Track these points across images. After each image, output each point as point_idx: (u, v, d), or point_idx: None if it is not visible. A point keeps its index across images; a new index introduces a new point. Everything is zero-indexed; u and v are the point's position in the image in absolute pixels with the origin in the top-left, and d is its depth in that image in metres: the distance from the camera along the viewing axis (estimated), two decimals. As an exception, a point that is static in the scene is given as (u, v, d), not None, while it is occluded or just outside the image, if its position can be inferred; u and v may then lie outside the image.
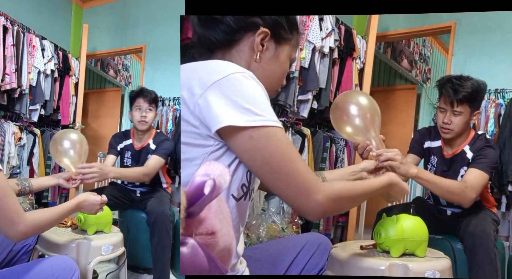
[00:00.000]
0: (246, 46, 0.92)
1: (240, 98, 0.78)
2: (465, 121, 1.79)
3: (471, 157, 1.82)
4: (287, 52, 0.96)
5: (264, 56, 0.93)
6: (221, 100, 0.78)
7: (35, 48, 3.16)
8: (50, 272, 1.13)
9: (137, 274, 2.41)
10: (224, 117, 0.77)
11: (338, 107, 1.32)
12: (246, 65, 0.91)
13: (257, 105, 0.79)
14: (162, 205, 2.23)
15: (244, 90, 0.79)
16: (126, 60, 4.24)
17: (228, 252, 0.68)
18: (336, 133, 3.14)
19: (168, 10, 3.45)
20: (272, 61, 0.94)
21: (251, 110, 0.78)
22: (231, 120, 0.77)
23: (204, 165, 0.65)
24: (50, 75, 3.31)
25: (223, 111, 0.78)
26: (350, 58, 2.91)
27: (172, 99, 3.39)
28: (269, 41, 0.92)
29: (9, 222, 1.02)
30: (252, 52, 0.92)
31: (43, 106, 3.32)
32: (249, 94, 0.79)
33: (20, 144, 3.12)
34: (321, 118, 3.03)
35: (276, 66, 0.95)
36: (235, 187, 0.84)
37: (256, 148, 0.79)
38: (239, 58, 0.92)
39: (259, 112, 0.78)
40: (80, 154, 1.80)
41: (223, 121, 0.77)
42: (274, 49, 0.93)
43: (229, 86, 0.79)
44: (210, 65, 0.86)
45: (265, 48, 0.92)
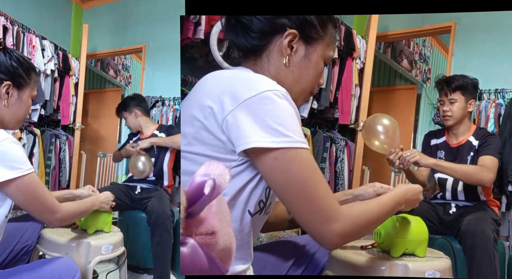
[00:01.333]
0: (275, 50, 0.88)
1: (269, 118, 0.75)
2: (461, 108, 2.04)
3: (477, 144, 2.03)
4: (320, 51, 0.91)
5: (293, 59, 0.88)
6: (250, 119, 0.76)
7: (35, 48, 3.15)
8: (51, 273, 1.14)
9: (137, 274, 2.41)
10: (252, 138, 0.75)
11: (369, 127, 1.64)
12: (276, 70, 0.88)
13: (286, 126, 0.76)
14: (162, 204, 2.23)
15: (274, 110, 0.76)
16: (126, 60, 4.25)
17: (228, 252, 0.67)
18: (336, 133, 3.14)
19: (168, 10, 3.45)
20: (303, 63, 0.89)
21: (278, 131, 0.75)
22: (258, 142, 0.75)
23: (204, 165, 0.65)
24: (50, 75, 3.31)
25: (251, 132, 0.75)
26: (350, 58, 2.92)
27: (172, 99, 3.39)
28: (298, 43, 0.88)
29: (50, 211, 1.18)
30: (281, 56, 0.88)
31: (43, 106, 3.32)
32: (278, 114, 0.76)
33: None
34: (321, 118, 3.04)
35: (308, 68, 0.90)
36: (253, 203, 0.82)
37: (280, 170, 0.76)
38: (268, 63, 0.89)
39: (286, 133, 0.76)
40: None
41: (250, 142, 0.75)
42: (304, 50, 0.89)
43: (260, 105, 0.76)
44: (244, 80, 0.82)
45: (294, 50, 0.88)
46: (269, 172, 0.78)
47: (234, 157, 0.79)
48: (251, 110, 0.76)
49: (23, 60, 1.19)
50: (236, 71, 0.89)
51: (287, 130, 0.76)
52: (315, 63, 0.90)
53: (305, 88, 0.92)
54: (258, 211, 0.84)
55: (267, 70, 0.89)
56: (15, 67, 1.16)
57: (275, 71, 0.88)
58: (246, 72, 0.88)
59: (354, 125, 2.93)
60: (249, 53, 0.91)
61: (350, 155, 3.09)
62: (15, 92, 1.17)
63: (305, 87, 0.92)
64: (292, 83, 0.87)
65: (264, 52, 0.89)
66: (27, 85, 1.20)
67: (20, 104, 1.20)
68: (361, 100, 2.85)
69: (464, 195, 2.03)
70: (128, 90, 4.17)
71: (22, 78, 1.18)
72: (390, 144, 1.63)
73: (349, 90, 2.89)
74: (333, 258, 1.22)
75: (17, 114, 1.20)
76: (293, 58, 0.88)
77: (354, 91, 2.93)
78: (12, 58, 1.16)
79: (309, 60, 0.89)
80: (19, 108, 1.20)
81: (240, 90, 0.78)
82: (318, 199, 0.77)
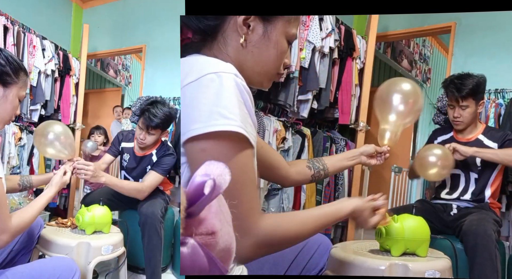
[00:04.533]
0: (230, 30, 0.82)
1: (208, 101, 0.71)
2: (472, 112, 1.99)
3: (496, 146, 2.00)
4: (281, 29, 0.84)
5: (251, 39, 0.82)
6: (191, 103, 0.72)
7: (36, 48, 3.15)
8: (51, 273, 1.14)
9: (136, 274, 2.41)
10: (190, 126, 0.71)
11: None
12: (234, 52, 0.82)
13: (227, 109, 0.71)
14: (152, 205, 2.19)
15: (215, 93, 0.71)
16: (126, 60, 4.25)
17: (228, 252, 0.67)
18: (336, 133, 3.14)
19: (168, 10, 3.45)
20: (263, 43, 0.82)
21: (220, 113, 0.70)
22: (193, 130, 0.70)
23: (204, 165, 0.65)
24: (51, 75, 3.31)
25: (191, 119, 0.71)
26: (350, 58, 2.91)
27: (172, 99, 3.39)
28: (254, 21, 0.82)
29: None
30: (238, 36, 0.82)
31: (44, 106, 3.32)
32: (220, 97, 0.71)
33: (20, 144, 3.12)
34: (321, 118, 3.03)
35: (268, 48, 0.83)
36: None
37: (217, 156, 0.70)
38: (225, 44, 0.83)
39: (228, 116, 0.71)
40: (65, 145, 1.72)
41: (187, 132, 0.71)
42: (263, 28, 0.82)
43: (198, 88, 0.72)
44: (188, 64, 0.79)
45: (251, 29, 0.81)
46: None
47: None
48: (190, 94, 0.73)
49: (12, 59, 1.17)
50: (190, 56, 0.84)
51: (228, 112, 0.71)
52: (275, 42, 0.83)
53: (268, 69, 0.85)
54: None
55: (225, 52, 0.83)
56: (3, 65, 1.15)
57: (233, 53, 0.82)
58: (197, 57, 0.83)
59: (354, 125, 2.92)
60: (204, 35, 0.84)
61: (350, 155, 3.08)
62: (0, 90, 1.16)
63: (268, 68, 0.85)
64: (253, 64, 0.82)
65: (220, 33, 0.83)
66: (14, 84, 1.18)
67: (5, 102, 1.17)
68: (361, 100, 2.85)
69: (471, 196, 2.01)
70: (128, 90, 4.17)
71: (9, 76, 1.16)
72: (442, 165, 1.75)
73: (349, 90, 2.89)
74: (333, 258, 1.22)
75: (1, 113, 1.17)
76: (250, 37, 0.82)
77: (354, 91, 2.93)
78: (1, 56, 1.15)
79: (268, 38, 0.82)
80: (4, 107, 1.17)
81: (185, 75, 0.74)
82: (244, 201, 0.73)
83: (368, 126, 2.80)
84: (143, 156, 2.36)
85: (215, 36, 0.83)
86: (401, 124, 1.29)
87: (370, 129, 2.78)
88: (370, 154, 1.31)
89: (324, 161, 1.27)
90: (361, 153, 1.30)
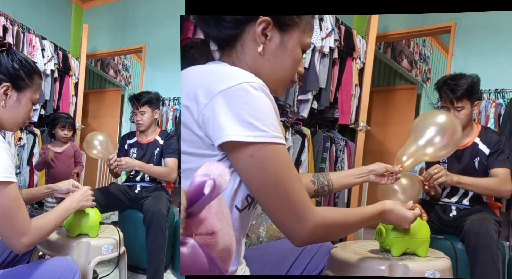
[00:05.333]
0: (249, 39, 0.86)
1: (244, 111, 0.73)
2: (468, 113, 1.93)
3: (487, 151, 1.95)
4: (297, 38, 0.88)
5: (269, 48, 0.86)
6: (224, 111, 0.74)
7: (35, 48, 3.16)
8: (52, 273, 1.13)
9: (136, 274, 2.41)
10: (226, 131, 0.73)
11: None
12: (252, 60, 0.86)
13: (261, 120, 0.74)
14: (158, 203, 2.20)
15: (249, 103, 0.74)
16: (126, 60, 4.25)
17: (228, 252, 0.67)
18: (336, 133, 3.14)
19: (168, 10, 3.46)
20: (279, 51, 0.87)
21: (254, 125, 0.73)
22: (232, 135, 0.73)
23: (204, 165, 0.65)
24: (50, 75, 3.31)
25: (226, 125, 0.73)
26: (350, 58, 2.92)
27: (172, 99, 3.39)
28: (272, 30, 0.85)
29: (19, 232, 1.06)
30: (256, 45, 0.85)
31: (43, 106, 3.33)
32: (254, 107, 0.74)
33: (20, 144, 3.12)
34: (321, 118, 3.04)
35: (285, 56, 0.87)
36: (240, 198, 0.81)
37: (255, 168, 0.75)
38: (243, 53, 0.86)
39: (262, 128, 0.74)
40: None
41: (225, 136, 0.73)
42: (279, 38, 0.86)
43: (234, 97, 0.74)
44: (218, 74, 0.81)
45: (268, 38, 0.85)
46: (244, 170, 0.76)
47: (214, 152, 0.78)
48: (225, 102, 0.74)
49: (26, 62, 1.16)
50: (210, 66, 0.87)
51: (262, 125, 0.74)
52: (291, 51, 0.88)
53: (283, 76, 0.90)
54: (246, 206, 0.83)
55: (243, 60, 0.87)
56: (16, 69, 1.14)
57: (251, 61, 0.86)
58: (221, 65, 0.86)
59: (354, 125, 2.93)
60: (223, 44, 0.89)
61: (350, 155, 3.09)
62: (14, 94, 1.15)
63: (283, 75, 0.90)
64: (269, 72, 0.85)
65: (238, 42, 0.87)
66: (28, 88, 1.18)
67: (19, 106, 1.17)
68: (361, 100, 2.85)
69: (469, 202, 2.00)
70: (128, 90, 4.17)
71: (23, 80, 1.16)
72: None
73: (349, 90, 2.89)
74: (333, 258, 1.22)
75: (15, 117, 1.17)
76: (268, 46, 0.86)
77: (354, 91, 2.93)
78: (14, 59, 1.14)
79: (285, 47, 0.87)
80: (18, 111, 1.17)
81: (214, 83, 0.76)
82: (291, 199, 0.77)
83: (368, 126, 2.80)
84: (148, 143, 2.55)
85: (233, 44, 0.88)
86: (427, 156, 1.29)
87: (370, 129, 2.78)
88: (380, 174, 1.28)
89: (329, 177, 1.24)
90: (370, 172, 1.27)
